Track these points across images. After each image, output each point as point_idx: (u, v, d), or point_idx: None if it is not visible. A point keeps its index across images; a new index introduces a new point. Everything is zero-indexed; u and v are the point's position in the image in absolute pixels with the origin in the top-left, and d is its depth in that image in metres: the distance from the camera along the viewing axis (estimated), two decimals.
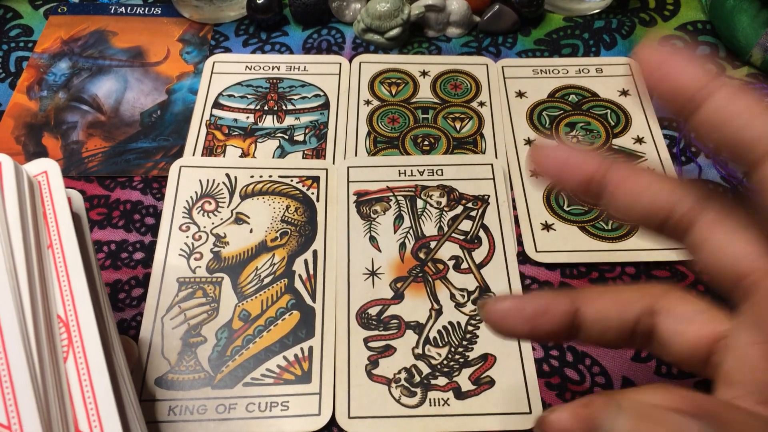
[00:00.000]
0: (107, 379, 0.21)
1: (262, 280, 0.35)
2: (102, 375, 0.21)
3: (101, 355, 0.21)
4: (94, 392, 0.21)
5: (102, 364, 0.21)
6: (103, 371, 0.21)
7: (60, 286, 0.22)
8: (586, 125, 0.42)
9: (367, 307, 0.34)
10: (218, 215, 0.37)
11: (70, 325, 0.22)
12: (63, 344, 0.21)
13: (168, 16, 0.49)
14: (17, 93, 0.44)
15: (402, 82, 0.44)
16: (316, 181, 0.39)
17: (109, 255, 0.36)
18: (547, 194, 0.39)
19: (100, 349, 0.21)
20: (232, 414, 0.31)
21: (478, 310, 0.21)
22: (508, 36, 0.48)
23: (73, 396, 0.21)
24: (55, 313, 0.22)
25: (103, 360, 0.21)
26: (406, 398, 0.31)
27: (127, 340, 0.32)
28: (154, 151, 0.41)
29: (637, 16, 0.49)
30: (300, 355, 0.33)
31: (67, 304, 0.22)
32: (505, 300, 0.21)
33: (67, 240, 0.23)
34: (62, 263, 0.23)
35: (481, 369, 0.32)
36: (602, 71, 0.45)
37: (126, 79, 0.45)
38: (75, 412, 0.20)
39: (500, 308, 0.21)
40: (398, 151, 0.41)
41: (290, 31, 0.48)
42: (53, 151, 0.41)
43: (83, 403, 0.21)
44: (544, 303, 0.21)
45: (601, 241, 0.37)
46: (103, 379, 0.21)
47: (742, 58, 0.45)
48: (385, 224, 0.37)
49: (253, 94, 0.44)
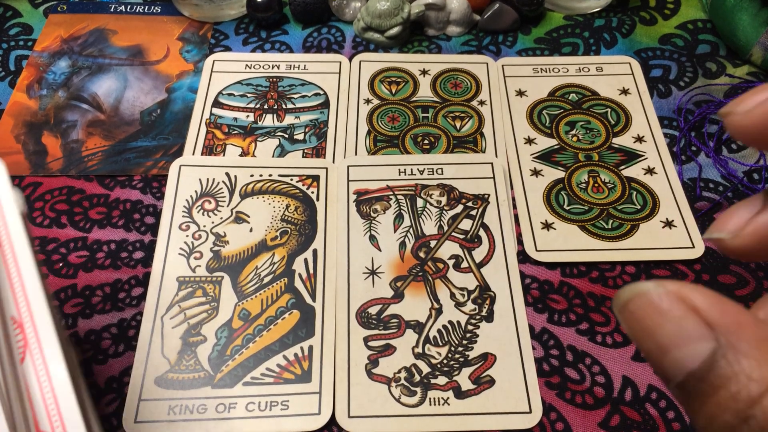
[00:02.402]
0: (67, 378, 0.21)
1: (262, 279, 0.35)
2: (61, 375, 0.21)
3: (60, 356, 0.21)
4: (54, 392, 0.21)
5: (61, 365, 0.21)
6: (63, 371, 0.21)
7: (12, 286, 0.22)
8: (586, 124, 0.42)
9: (367, 307, 0.34)
10: (218, 214, 0.37)
11: (25, 327, 0.21)
12: (19, 345, 0.21)
13: (168, 15, 0.49)
14: (17, 92, 0.44)
15: (402, 81, 0.44)
16: (316, 180, 0.39)
17: (108, 254, 0.36)
18: (547, 193, 0.39)
19: (59, 349, 0.21)
20: (232, 413, 0.31)
21: (723, 118, 0.17)
22: (508, 35, 0.48)
23: (32, 397, 0.21)
24: (9, 315, 0.22)
25: (62, 360, 0.21)
26: (406, 397, 0.31)
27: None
28: (153, 150, 0.41)
29: (638, 15, 0.49)
30: (300, 354, 0.33)
31: (21, 305, 0.22)
32: (752, 95, 0.16)
33: (17, 239, 0.22)
34: (13, 263, 0.22)
35: (481, 368, 0.32)
36: (602, 70, 0.45)
37: (126, 77, 0.45)
38: (35, 412, 0.20)
39: (753, 101, 0.16)
40: (398, 150, 0.41)
41: (290, 29, 0.48)
42: (53, 149, 0.41)
43: (43, 403, 0.20)
44: None
45: (601, 240, 0.37)
46: (63, 378, 0.21)
47: (743, 57, 0.45)
48: (385, 223, 0.37)
49: (252, 93, 0.44)
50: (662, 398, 0.31)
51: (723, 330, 0.13)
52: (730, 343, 0.13)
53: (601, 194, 0.38)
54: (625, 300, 0.14)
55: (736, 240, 0.17)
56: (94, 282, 0.35)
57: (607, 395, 0.32)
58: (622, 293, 0.15)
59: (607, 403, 0.31)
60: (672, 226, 0.37)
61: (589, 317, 0.34)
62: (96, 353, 0.33)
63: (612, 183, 0.39)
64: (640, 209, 0.38)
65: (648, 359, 0.14)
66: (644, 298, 0.14)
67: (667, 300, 0.14)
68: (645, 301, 0.14)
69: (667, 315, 0.14)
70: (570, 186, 0.39)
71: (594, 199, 0.38)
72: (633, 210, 0.38)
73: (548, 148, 0.41)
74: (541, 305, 0.35)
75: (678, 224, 0.37)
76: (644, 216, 0.37)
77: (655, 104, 0.43)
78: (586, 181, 0.39)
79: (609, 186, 0.39)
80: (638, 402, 0.31)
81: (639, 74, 0.45)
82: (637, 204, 0.38)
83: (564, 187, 0.39)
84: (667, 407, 0.31)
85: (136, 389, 0.31)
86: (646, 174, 0.39)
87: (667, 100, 0.43)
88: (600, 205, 0.38)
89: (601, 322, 0.34)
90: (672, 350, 0.13)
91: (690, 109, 0.43)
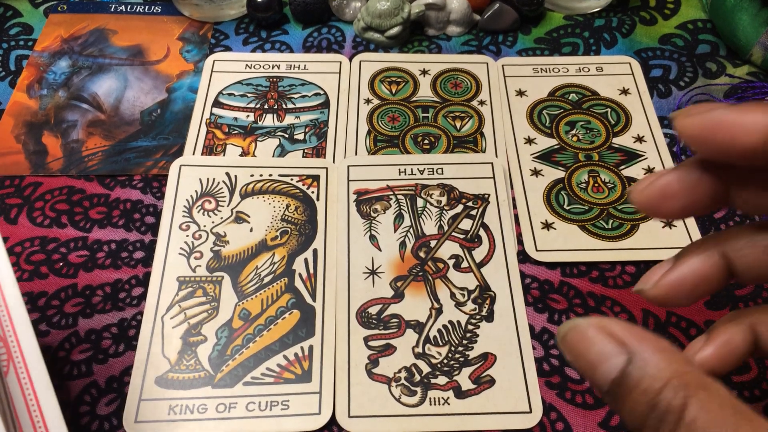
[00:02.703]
0: (51, 389, 0.21)
1: (263, 279, 0.35)
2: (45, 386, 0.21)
3: (43, 367, 0.21)
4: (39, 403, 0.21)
5: (45, 375, 0.21)
6: (47, 382, 0.21)
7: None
8: (586, 124, 0.42)
9: (367, 306, 0.34)
10: (218, 214, 0.37)
11: (8, 340, 0.21)
12: (2, 358, 0.21)
13: (168, 15, 0.49)
14: (17, 91, 0.44)
15: (402, 81, 0.44)
16: (316, 179, 0.39)
17: (109, 254, 0.36)
18: (547, 193, 0.39)
19: (41, 360, 0.21)
20: (232, 413, 0.31)
21: (627, 197, 0.21)
22: (508, 34, 0.48)
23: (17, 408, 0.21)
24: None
25: (46, 371, 0.21)
26: (406, 397, 0.32)
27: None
28: (154, 150, 0.41)
29: (638, 15, 0.49)
30: (300, 354, 0.33)
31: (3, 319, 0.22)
32: (661, 176, 0.21)
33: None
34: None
35: (482, 368, 0.32)
36: (602, 70, 0.45)
37: (126, 77, 0.45)
38: (20, 423, 0.20)
39: (659, 184, 0.20)
40: (398, 149, 0.41)
41: (290, 29, 0.48)
42: (53, 149, 0.41)
43: (28, 414, 0.21)
44: (696, 174, 0.20)
45: (601, 240, 0.37)
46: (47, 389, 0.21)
47: (743, 57, 0.45)
48: (385, 223, 0.37)
49: (253, 93, 0.44)
50: None
51: (631, 346, 0.18)
52: (637, 353, 0.17)
53: (601, 194, 0.38)
54: (564, 333, 0.19)
55: (652, 290, 0.22)
56: (95, 282, 0.35)
57: None
58: (561, 328, 0.19)
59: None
60: (672, 226, 0.37)
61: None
62: (96, 353, 0.33)
63: (612, 183, 0.39)
64: None
65: (584, 376, 0.19)
66: (576, 330, 0.19)
67: (592, 330, 0.18)
68: (577, 333, 0.19)
69: (591, 341, 0.18)
70: (570, 186, 0.39)
71: (594, 199, 0.38)
72: (633, 210, 0.38)
73: (548, 148, 0.41)
74: (542, 305, 0.35)
75: (678, 224, 0.37)
76: (644, 216, 0.37)
77: (655, 104, 0.43)
78: (586, 181, 0.39)
79: (609, 186, 0.39)
80: None
81: (639, 74, 0.45)
82: None
83: (564, 187, 0.39)
84: None
85: (137, 389, 0.31)
86: (646, 174, 0.39)
87: (667, 100, 0.43)
88: (600, 205, 0.38)
89: None
90: (598, 366, 0.18)
91: None
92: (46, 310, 0.34)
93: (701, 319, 0.34)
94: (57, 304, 0.35)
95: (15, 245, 0.37)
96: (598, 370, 0.18)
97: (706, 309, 0.34)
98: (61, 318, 0.34)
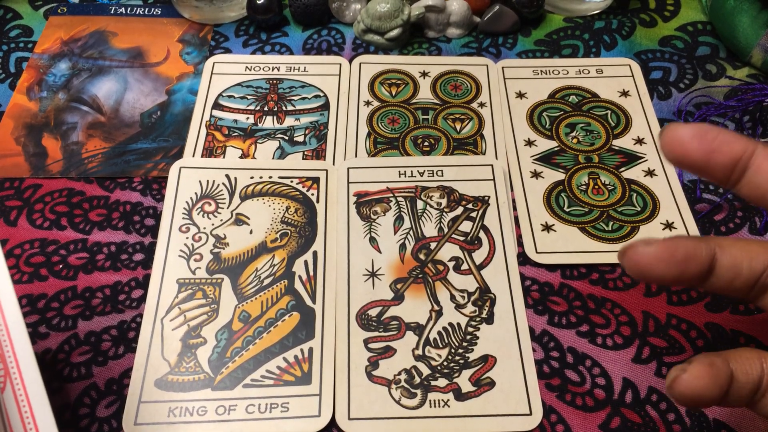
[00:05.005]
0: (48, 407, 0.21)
1: (262, 281, 0.35)
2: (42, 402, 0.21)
3: (40, 383, 0.21)
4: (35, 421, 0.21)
5: (41, 392, 0.21)
6: (44, 398, 0.21)
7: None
8: (587, 126, 0.42)
9: (367, 309, 0.34)
10: (218, 216, 0.37)
11: (6, 357, 0.21)
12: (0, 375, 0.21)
13: (168, 17, 0.49)
14: (17, 93, 0.44)
15: (402, 83, 0.44)
16: (316, 182, 0.39)
17: (108, 256, 0.36)
18: (547, 195, 0.39)
19: (39, 376, 0.21)
20: (232, 415, 0.31)
21: (618, 258, 0.21)
22: (508, 37, 0.48)
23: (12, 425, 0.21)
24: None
25: (43, 387, 0.21)
26: (406, 399, 0.31)
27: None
28: (153, 152, 0.41)
29: (638, 17, 0.49)
30: (300, 356, 0.33)
31: (2, 337, 0.22)
32: (651, 244, 0.21)
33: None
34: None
35: (482, 370, 0.32)
36: (602, 72, 0.45)
37: (126, 79, 0.45)
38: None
39: (649, 252, 0.20)
40: (398, 152, 0.41)
41: (290, 31, 0.48)
42: (53, 151, 0.41)
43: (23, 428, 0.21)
44: (692, 246, 0.20)
45: (601, 242, 0.37)
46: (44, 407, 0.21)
47: (743, 59, 0.45)
48: (385, 225, 0.37)
49: (253, 95, 0.44)
50: (663, 400, 0.31)
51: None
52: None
53: (602, 196, 0.38)
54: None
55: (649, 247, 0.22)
56: (94, 284, 0.35)
57: (608, 397, 0.32)
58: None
59: (608, 405, 0.31)
60: (672, 227, 0.37)
61: (590, 319, 0.34)
62: (96, 355, 0.33)
63: (612, 185, 0.39)
64: (641, 211, 0.38)
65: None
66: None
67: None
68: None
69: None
70: (570, 188, 0.39)
71: (594, 200, 0.38)
72: (633, 212, 0.38)
73: (548, 150, 0.41)
74: (542, 307, 0.35)
75: (678, 226, 0.37)
76: (644, 218, 0.37)
77: (655, 106, 0.43)
78: (587, 183, 0.39)
79: (609, 188, 0.39)
80: (639, 404, 0.31)
81: (639, 76, 0.45)
82: (638, 206, 0.38)
83: (564, 189, 0.39)
84: (667, 409, 0.31)
85: (136, 391, 0.31)
86: (647, 176, 0.39)
87: (667, 102, 0.43)
88: (600, 206, 0.38)
89: (601, 324, 0.34)
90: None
91: (690, 111, 0.43)
92: (45, 312, 0.34)
93: (701, 321, 0.34)
94: (57, 306, 0.35)
95: (14, 247, 0.37)
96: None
97: (706, 311, 0.34)
98: (60, 320, 0.34)
